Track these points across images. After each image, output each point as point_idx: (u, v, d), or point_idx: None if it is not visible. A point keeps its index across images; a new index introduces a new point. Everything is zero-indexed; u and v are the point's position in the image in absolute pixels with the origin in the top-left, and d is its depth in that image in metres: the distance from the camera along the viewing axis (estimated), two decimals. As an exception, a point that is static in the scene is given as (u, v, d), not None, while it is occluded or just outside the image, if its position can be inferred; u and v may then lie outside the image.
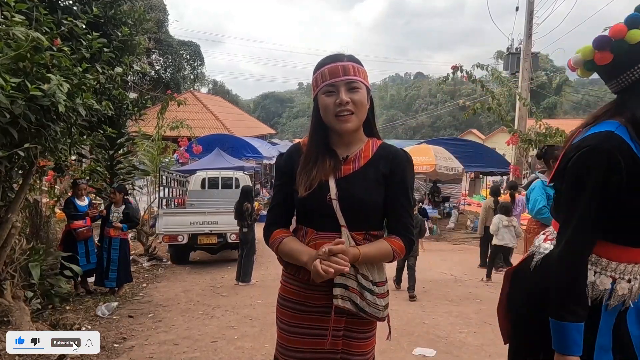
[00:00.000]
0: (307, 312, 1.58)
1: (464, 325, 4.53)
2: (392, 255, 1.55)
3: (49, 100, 3.15)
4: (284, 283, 1.68)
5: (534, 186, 4.31)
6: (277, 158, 1.87)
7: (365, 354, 1.62)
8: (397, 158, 1.60)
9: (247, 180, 10.58)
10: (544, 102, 45.62)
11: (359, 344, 1.60)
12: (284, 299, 1.65)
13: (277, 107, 74.94)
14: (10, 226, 3.94)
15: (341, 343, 1.57)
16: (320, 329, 1.55)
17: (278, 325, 1.66)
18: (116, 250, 6.00)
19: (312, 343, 1.57)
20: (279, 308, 1.66)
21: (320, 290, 1.55)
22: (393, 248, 1.55)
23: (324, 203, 1.53)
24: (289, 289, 1.64)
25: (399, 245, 1.56)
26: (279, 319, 1.66)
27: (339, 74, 1.51)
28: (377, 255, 1.54)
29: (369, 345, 1.64)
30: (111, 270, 5.96)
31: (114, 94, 5.95)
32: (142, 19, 6.58)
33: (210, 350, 4.01)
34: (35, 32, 3.15)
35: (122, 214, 6.06)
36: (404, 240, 1.57)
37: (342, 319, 1.56)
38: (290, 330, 1.60)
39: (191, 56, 29.91)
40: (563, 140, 8.47)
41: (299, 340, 1.58)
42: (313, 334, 1.57)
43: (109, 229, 6.02)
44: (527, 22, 12.83)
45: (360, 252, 1.49)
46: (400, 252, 1.57)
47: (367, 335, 1.61)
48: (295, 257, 1.54)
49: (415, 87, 73.68)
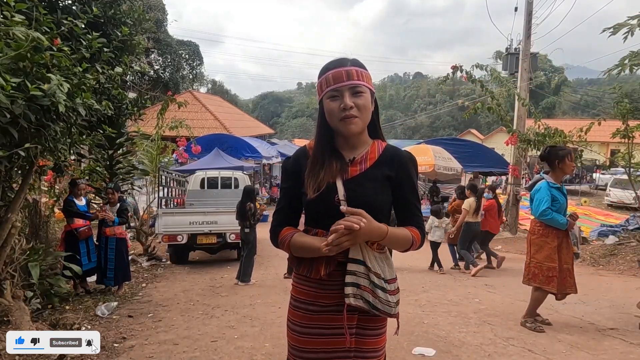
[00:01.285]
0: (319, 312, 1.59)
1: (464, 324, 4.54)
2: (411, 241, 1.60)
3: (49, 100, 3.15)
4: (295, 284, 1.69)
5: (540, 187, 4.28)
6: (283, 161, 1.90)
7: (378, 350, 1.64)
8: (403, 159, 1.65)
9: (246, 180, 10.59)
10: (542, 102, 45.66)
11: (371, 341, 1.62)
12: (296, 300, 1.66)
13: (276, 107, 74.91)
14: (10, 226, 3.93)
15: (354, 341, 1.58)
16: (332, 328, 1.57)
17: (289, 327, 1.67)
18: (112, 249, 6.03)
19: (325, 343, 1.58)
20: (291, 309, 1.68)
21: (332, 289, 1.57)
22: (413, 236, 1.61)
23: (332, 204, 1.56)
24: (300, 289, 1.65)
25: (417, 234, 1.62)
26: (290, 320, 1.67)
27: (342, 79, 1.54)
28: (400, 236, 1.59)
29: (381, 342, 1.66)
30: (108, 269, 6.02)
31: (114, 94, 5.94)
32: (142, 19, 6.58)
33: (210, 350, 4.01)
34: (35, 32, 3.14)
35: (117, 212, 6.11)
36: (420, 230, 1.64)
37: (354, 316, 1.58)
38: (302, 332, 1.61)
39: (190, 56, 29.91)
40: (562, 141, 8.50)
41: (312, 340, 1.60)
42: (326, 333, 1.58)
43: (105, 228, 6.06)
44: (526, 23, 12.82)
45: (388, 229, 1.53)
46: (417, 241, 1.63)
47: (379, 332, 1.64)
48: (308, 246, 1.57)
49: (414, 87, 73.78)
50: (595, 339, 4.03)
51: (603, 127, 8.66)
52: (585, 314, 4.80)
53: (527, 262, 4.41)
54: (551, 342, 3.97)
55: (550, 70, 52.07)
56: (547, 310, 4.85)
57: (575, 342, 3.95)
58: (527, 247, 4.46)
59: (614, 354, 3.70)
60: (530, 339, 4.03)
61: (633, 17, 6.14)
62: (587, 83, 75.44)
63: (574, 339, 4.02)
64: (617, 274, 7.15)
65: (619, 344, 3.92)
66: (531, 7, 12.79)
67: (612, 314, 4.85)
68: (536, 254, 4.31)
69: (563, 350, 3.77)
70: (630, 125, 8.33)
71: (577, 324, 4.50)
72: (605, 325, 4.41)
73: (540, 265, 4.27)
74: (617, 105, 8.55)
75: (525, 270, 4.42)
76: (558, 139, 9.36)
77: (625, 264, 7.51)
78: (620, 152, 9.41)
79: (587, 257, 8.21)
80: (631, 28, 6.08)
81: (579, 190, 23.57)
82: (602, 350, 3.77)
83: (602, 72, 6.99)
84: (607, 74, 6.77)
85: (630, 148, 8.58)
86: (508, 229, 12.99)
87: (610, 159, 15.01)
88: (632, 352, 3.73)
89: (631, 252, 7.93)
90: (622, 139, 8.42)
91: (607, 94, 39.58)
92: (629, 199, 15.08)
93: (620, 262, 7.70)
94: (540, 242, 4.30)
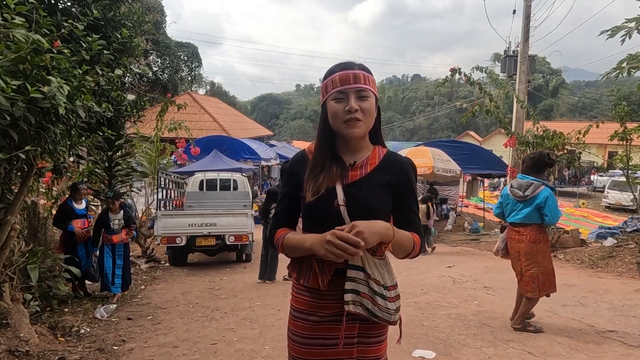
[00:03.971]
0: (320, 323, 1.58)
1: (463, 327, 4.54)
2: (412, 246, 1.58)
3: (49, 102, 3.15)
4: (294, 295, 1.68)
5: (547, 192, 4.12)
6: (282, 164, 1.90)
7: (379, 357, 1.63)
8: (404, 166, 1.64)
9: (245, 181, 10.57)
10: (540, 105, 45.83)
11: (373, 349, 1.61)
12: (296, 311, 1.65)
13: (275, 109, 74.86)
14: (10, 228, 3.93)
15: (356, 350, 1.58)
16: (333, 338, 1.56)
17: (290, 338, 1.65)
18: (120, 255, 5.94)
19: (327, 353, 1.57)
20: (291, 320, 1.66)
21: (331, 298, 1.56)
22: (414, 241, 1.58)
23: (332, 209, 1.55)
24: (300, 299, 1.64)
25: (417, 238, 1.60)
26: (291, 331, 1.65)
27: (349, 82, 1.53)
28: (405, 238, 1.56)
29: (383, 349, 1.65)
30: (116, 275, 5.87)
31: (113, 96, 5.93)
32: (141, 21, 6.57)
33: (210, 352, 4.01)
34: (35, 34, 3.14)
35: (124, 219, 5.95)
36: (419, 238, 1.62)
37: (355, 325, 1.57)
38: (303, 342, 1.60)
39: (189, 57, 29.86)
40: (561, 143, 8.48)
41: (314, 351, 1.58)
42: (327, 344, 1.57)
43: (111, 235, 5.88)
44: (524, 25, 12.87)
45: (395, 232, 1.51)
46: (418, 247, 1.61)
47: (380, 339, 1.63)
48: (299, 245, 1.56)
49: (412, 89, 73.85)
50: (595, 342, 4.03)
51: (601, 130, 8.69)
52: (584, 317, 4.80)
53: (531, 273, 4.19)
54: (551, 344, 3.97)
55: (548, 72, 52.26)
56: (546, 313, 4.86)
57: (575, 345, 3.95)
58: (530, 257, 4.20)
59: (614, 356, 3.71)
60: (530, 342, 4.04)
61: (631, 19, 6.16)
62: (585, 85, 75.73)
63: (574, 342, 4.03)
64: (616, 276, 7.16)
65: (618, 346, 3.93)
66: (529, 10, 12.83)
67: (611, 316, 4.85)
68: (544, 261, 4.20)
69: (563, 353, 3.78)
70: (628, 127, 8.35)
71: (577, 326, 4.50)
72: (605, 328, 4.42)
73: (547, 272, 4.19)
74: (615, 107, 8.58)
75: (530, 282, 4.20)
76: (557, 141, 9.38)
77: (624, 266, 7.51)
78: (618, 154, 9.42)
79: (585, 260, 8.21)
80: (629, 31, 6.10)
81: (577, 192, 23.63)
82: (602, 353, 3.77)
83: (600, 75, 7.02)
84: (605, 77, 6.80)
85: (628, 150, 8.60)
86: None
87: (609, 161, 15.06)
88: (632, 354, 3.74)
89: (629, 254, 7.94)
90: (620, 141, 8.44)
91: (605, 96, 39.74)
92: (626, 201, 15.11)
93: (619, 264, 7.71)
94: (546, 249, 4.25)
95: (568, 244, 9.27)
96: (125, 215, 5.97)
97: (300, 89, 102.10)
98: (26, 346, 3.74)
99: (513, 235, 4.35)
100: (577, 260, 8.34)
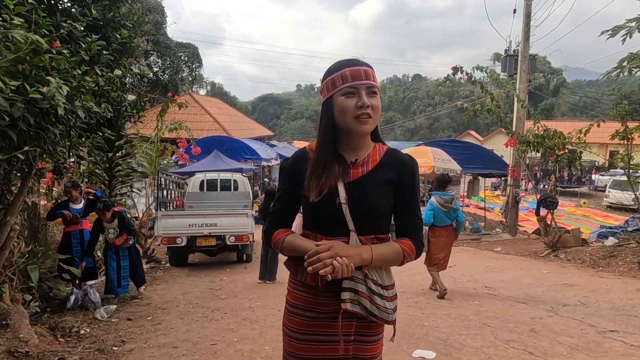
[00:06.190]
0: (317, 319, 1.57)
1: (464, 327, 4.53)
2: (402, 257, 1.56)
3: (49, 102, 3.14)
4: (291, 290, 1.67)
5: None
6: (281, 162, 1.87)
7: (375, 356, 1.63)
8: (405, 163, 1.62)
9: (245, 182, 10.56)
10: (541, 104, 45.79)
11: (370, 347, 1.61)
12: (292, 306, 1.64)
13: (275, 109, 74.91)
14: (10, 229, 3.92)
15: (352, 348, 1.57)
16: (330, 334, 1.55)
17: (286, 333, 1.65)
18: (125, 256, 5.96)
19: (322, 349, 1.57)
20: (287, 315, 1.65)
21: (329, 295, 1.55)
22: (404, 249, 1.56)
23: (334, 208, 1.54)
24: (297, 295, 1.63)
25: (410, 246, 1.57)
26: (287, 326, 1.64)
27: (361, 77, 1.51)
28: (389, 255, 1.55)
29: (379, 348, 1.65)
30: (123, 277, 5.89)
31: (113, 96, 5.94)
32: (141, 21, 6.57)
33: (210, 353, 4.00)
34: (34, 34, 3.14)
35: (119, 227, 5.87)
36: (414, 242, 1.59)
37: (352, 323, 1.56)
38: (299, 338, 1.59)
39: (189, 58, 29.85)
40: (562, 142, 8.50)
41: (309, 347, 1.58)
42: (323, 340, 1.56)
43: (114, 239, 5.85)
44: (524, 25, 12.85)
45: (373, 253, 1.50)
46: (411, 254, 1.58)
47: (377, 338, 1.63)
48: (300, 249, 1.55)
49: (413, 89, 73.84)
50: (596, 341, 4.02)
51: (602, 129, 8.68)
52: (585, 316, 4.79)
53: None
54: (552, 344, 3.96)
55: (549, 71, 52.23)
56: (547, 313, 4.85)
57: (576, 345, 3.94)
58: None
59: (615, 356, 3.69)
60: (531, 342, 4.03)
61: (631, 19, 6.15)
62: (586, 84, 75.67)
63: (575, 341, 4.02)
64: (617, 275, 7.14)
65: (620, 346, 3.91)
66: (530, 9, 12.81)
67: (613, 316, 4.84)
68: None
69: (564, 353, 3.76)
70: (629, 126, 8.34)
71: (578, 326, 4.49)
72: (606, 328, 4.40)
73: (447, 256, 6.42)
74: (616, 106, 8.56)
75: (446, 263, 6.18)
76: (557, 140, 9.37)
77: (625, 266, 7.49)
78: (619, 153, 9.41)
79: (586, 259, 8.20)
80: (630, 30, 6.09)
81: (578, 192, 23.61)
82: (603, 353, 3.76)
83: (601, 74, 7.00)
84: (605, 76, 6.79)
85: (629, 149, 8.59)
86: (508, 230, 12.99)
87: (610, 160, 15.04)
88: (633, 354, 3.72)
89: (631, 254, 7.92)
90: (621, 140, 8.43)
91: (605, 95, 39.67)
92: (628, 200, 15.10)
93: (620, 263, 7.69)
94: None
95: (569, 243, 9.25)
96: (119, 223, 5.88)
97: (301, 89, 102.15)
98: (26, 347, 3.74)
99: (443, 233, 6.25)
100: (578, 259, 8.33)
